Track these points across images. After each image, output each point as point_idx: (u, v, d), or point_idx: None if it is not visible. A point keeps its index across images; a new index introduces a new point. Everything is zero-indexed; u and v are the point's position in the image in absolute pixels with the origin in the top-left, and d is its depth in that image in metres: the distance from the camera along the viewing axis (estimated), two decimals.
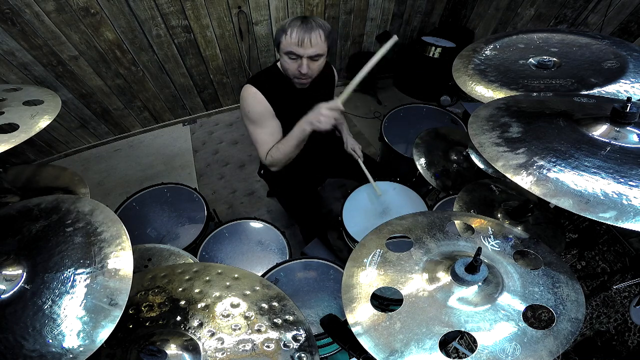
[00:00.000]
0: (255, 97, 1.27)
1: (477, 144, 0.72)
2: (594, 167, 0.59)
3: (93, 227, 0.68)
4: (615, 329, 1.42)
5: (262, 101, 1.28)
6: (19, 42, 1.90)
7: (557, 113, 0.76)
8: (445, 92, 2.91)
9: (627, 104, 0.65)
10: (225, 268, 0.82)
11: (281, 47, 1.19)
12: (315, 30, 1.15)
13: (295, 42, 1.15)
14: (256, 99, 1.28)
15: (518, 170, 0.63)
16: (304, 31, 1.14)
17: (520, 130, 0.72)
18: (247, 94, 1.29)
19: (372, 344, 0.60)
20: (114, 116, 2.57)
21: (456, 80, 1.08)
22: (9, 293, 0.59)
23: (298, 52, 1.17)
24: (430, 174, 1.47)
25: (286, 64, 1.24)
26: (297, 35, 1.14)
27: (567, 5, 2.16)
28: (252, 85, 1.28)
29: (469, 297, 0.65)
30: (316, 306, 1.14)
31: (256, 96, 1.27)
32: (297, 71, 1.23)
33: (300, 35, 1.14)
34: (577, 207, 0.55)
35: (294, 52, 1.17)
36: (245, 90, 1.30)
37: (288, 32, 1.15)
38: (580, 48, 1.07)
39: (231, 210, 2.25)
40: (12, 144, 0.71)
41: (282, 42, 1.17)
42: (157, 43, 2.28)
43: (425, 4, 2.94)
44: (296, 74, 1.25)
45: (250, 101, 1.29)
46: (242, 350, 0.67)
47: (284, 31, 1.16)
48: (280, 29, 1.17)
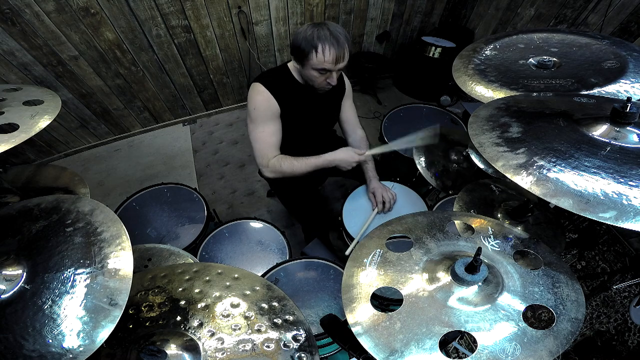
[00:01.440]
0: (263, 95, 1.25)
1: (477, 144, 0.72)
2: (594, 167, 0.59)
3: (93, 227, 0.68)
4: (615, 329, 1.42)
5: (270, 100, 1.26)
6: (19, 42, 1.90)
7: (557, 113, 0.76)
8: (445, 92, 2.91)
9: (627, 104, 0.65)
10: (225, 268, 0.82)
11: (310, 62, 1.15)
12: (345, 44, 1.14)
13: (331, 61, 1.14)
14: (264, 97, 1.26)
15: (518, 170, 0.63)
16: (337, 49, 1.12)
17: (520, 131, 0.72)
18: (255, 91, 1.27)
19: (372, 344, 0.60)
20: (114, 116, 2.57)
21: (456, 80, 1.09)
22: (9, 293, 0.59)
23: (332, 68, 1.16)
24: (430, 174, 1.46)
25: (313, 77, 1.21)
26: (332, 54, 1.13)
27: (567, 5, 2.16)
28: (261, 84, 1.26)
29: (469, 297, 0.65)
30: (316, 306, 1.14)
31: (264, 95, 1.25)
32: (324, 83, 1.23)
33: (335, 53, 1.13)
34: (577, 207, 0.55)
35: (327, 69, 1.16)
36: (254, 88, 1.27)
37: (320, 50, 1.11)
38: (580, 48, 1.07)
39: (231, 210, 2.25)
40: (12, 144, 0.71)
41: (313, 59, 1.14)
42: (157, 43, 2.28)
43: (425, 4, 2.94)
44: (323, 85, 1.24)
45: (258, 98, 1.26)
46: (242, 350, 0.67)
47: (313, 47, 1.11)
48: (308, 43, 1.12)
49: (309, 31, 1.12)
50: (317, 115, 1.44)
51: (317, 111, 1.41)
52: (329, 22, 1.15)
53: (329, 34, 1.12)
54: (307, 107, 1.35)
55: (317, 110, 1.41)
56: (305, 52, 1.14)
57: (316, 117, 1.45)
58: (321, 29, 1.12)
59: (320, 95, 1.34)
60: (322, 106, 1.42)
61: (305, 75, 1.24)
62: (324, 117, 1.51)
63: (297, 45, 1.15)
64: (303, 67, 1.20)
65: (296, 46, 1.16)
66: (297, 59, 1.20)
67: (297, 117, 1.34)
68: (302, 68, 1.22)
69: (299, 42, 1.14)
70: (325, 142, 1.58)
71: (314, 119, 1.44)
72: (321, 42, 1.11)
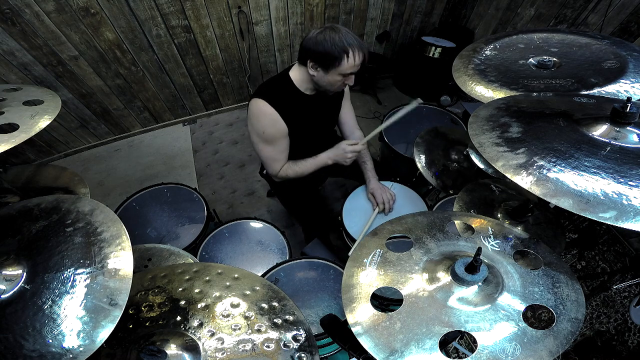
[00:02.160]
0: (272, 117, 1.22)
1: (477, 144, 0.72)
2: (594, 167, 0.59)
3: (93, 227, 0.68)
4: (615, 329, 1.42)
5: (279, 122, 1.24)
6: (19, 42, 1.90)
7: (557, 113, 0.76)
8: (445, 92, 2.91)
9: (627, 104, 0.65)
10: (225, 268, 0.82)
11: (340, 68, 1.12)
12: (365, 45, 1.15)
13: (359, 64, 1.14)
14: (273, 120, 1.23)
15: (518, 170, 0.63)
16: (364, 52, 1.13)
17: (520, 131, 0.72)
18: (260, 112, 1.22)
19: (372, 344, 0.60)
20: (114, 116, 2.57)
21: (456, 80, 1.09)
22: (9, 293, 0.59)
23: (356, 70, 1.16)
24: (431, 173, 1.47)
25: (334, 82, 1.18)
26: (361, 57, 1.12)
27: (567, 5, 2.16)
28: (266, 103, 1.21)
29: (469, 297, 0.65)
30: (316, 306, 1.14)
31: (273, 117, 1.22)
32: (343, 85, 1.23)
33: (363, 56, 1.13)
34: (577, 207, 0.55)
35: (353, 72, 1.16)
36: (259, 107, 1.22)
37: (351, 55, 1.10)
38: (580, 48, 1.07)
39: (231, 210, 2.25)
40: (12, 144, 0.71)
41: (344, 64, 1.11)
42: (157, 43, 2.28)
43: (425, 4, 2.94)
44: (341, 87, 1.25)
45: (265, 122, 1.23)
46: (242, 350, 0.67)
47: (345, 52, 1.09)
48: (339, 49, 1.08)
49: (334, 37, 1.08)
50: (320, 120, 1.45)
51: (320, 117, 1.43)
52: (338, 25, 1.12)
53: (353, 37, 1.10)
54: (311, 115, 1.35)
55: (321, 115, 1.42)
56: (337, 58, 1.10)
57: (320, 123, 1.46)
58: (341, 33, 1.09)
59: (323, 100, 1.34)
60: (325, 111, 1.43)
61: (324, 81, 1.19)
62: (327, 121, 1.52)
63: (325, 52, 1.09)
64: (328, 72, 1.15)
65: (324, 53, 1.10)
66: (322, 65, 1.14)
67: (302, 127, 1.33)
68: (324, 74, 1.16)
69: (327, 49, 1.08)
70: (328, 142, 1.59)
71: (318, 124, 1.45)
72: (351, 47, 1.09)
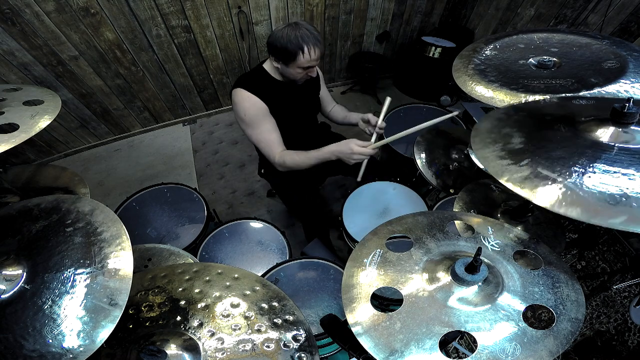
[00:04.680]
0: (249, 99, 1.27)
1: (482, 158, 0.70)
2: (600, 172, 0.58)
3: (93, 227, 0.68)
4: (615, 329, 1.42)
5: (257, 102, 1.28)
6: (19, 42, 1.90)
7: (557, 118, 0.75)
8: (445, 92, 2.91)
9: (627, 104, 0.65)
10: (225, 268, 0.82)
11: (297, 62, 1.20)
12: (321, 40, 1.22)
13: (316, 59, 1.21)
14: (250, 101, 1.28)
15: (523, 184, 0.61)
16: (320, 47, 1.20)
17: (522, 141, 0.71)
18: (239, 98, 1.29)
19: (372, 344, 0.60)
20: (114, 116, 2.57)
21: (456, 80, 1.08)
22: (9, 293, 0.59)
23: (315, 64, 1.24)
24: (431, 173, 1.47)
25: (296, 74, 1.26)
26: (317, 53, 1.20)
27: (567, 5, 2.16)
28: (242, 89, 1.27)
29: (469, 297, 0.65)
30: (316, 306, 1.14)
31: (250, 98, 1.27)
32: (306, 76, 1.30)
33: (319, 52, 1.21)
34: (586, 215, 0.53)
35: (312, 66, 1.24)
36: (237, 95, 1.29)
37: (306, 50, 1.17)
38: (580, 48, 1.07)
39: (231, 210, 2.25)
40: (12, 144, 0.71)
41: (300, 59, 1.19)
42: (157, 43, 2.28)
43: (425, 4, 2.94)
44: (304, 78, 1.31)
45: (245, 104, 1.28)
46: (242, 350, 0.67)
47: (300, 48, 1.16)
48: (294, 45, 1.16)
49: (291, 33, 1.16)
50: (301, 107, 1.47)
51: (300, 103, 1.45)
52: (302, 22, 1.20)
53: (310, 34, 1.17)
54: (290, 101, 1.38)
55: (301, 102, 1.45)
56: (292, 53, 1.18)
57: (300, 109, 1.48)
58: (300, 29, 1.16)
59: (300, 87, 1.39)
60: (304, 97, 1.47)
61: (287, 73, 1.28)
62: (308, 107, 1.55)
63: (281, 47, 1.18)
64: (287, 66, 1.24)
65: (281, 48, 1.18)
66: (282, 59, 1.23)
67: (283, 113, 1.36)
68: (285, 67, 1.25)
69: (284, 45, 1.17)
70: (314, 132, 1.62)
71: (299, 111, 1.47)
72: (306, 43, 1.16)
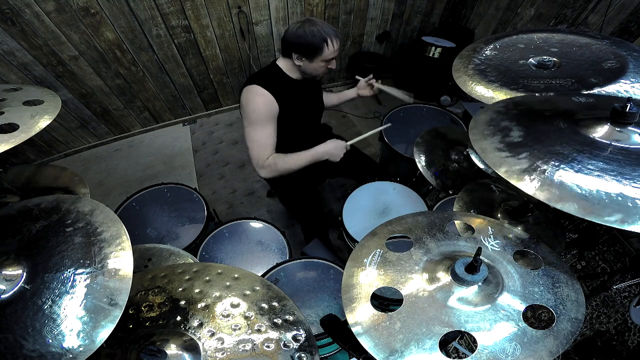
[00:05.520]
0: (263, 97, 1.26)
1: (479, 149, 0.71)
2: (597, 169, 0.58)
3: (93, 227, 0.68)
4: (615, 329, 1.42)
5: (270, 102, 1.27)
6: (19, 42, 1.90)
7: (557, 114, 0.76)
8: (445, 92, 2.91)
9: (627, 104, 0.65)
10: (225, 268, 0.82)
11: (322, 56, 1.24)
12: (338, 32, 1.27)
13: (337, 50, 1.26)
14: (265, 100, 1.26)
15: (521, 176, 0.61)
16: (339, 37, 1.25)
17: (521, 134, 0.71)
18: (255, 93, 1.27)
19: (372, 344, 0.60)
20: (114, 116, 2.57)
21: (456, 80, 1.08)
22: (9, 293, 0.58)
23: (336, 55, 1.28)
24: (430, 173, 1.47)
25: (319, 68, 1.29)
26: (338, 44, 1.25)
27: (567, 5, 2.16)
28: (260, 86, 1.26)
29: (469, 297, 0.65)
30: (316, 306, 1.14)
31: (264, 97, 1.26)
32: (326, 69, 1.33)
33: (339, 42, 1.25)
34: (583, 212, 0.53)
35: (334, 57, 1.28)
36: (252, 90, 1.27)
37: (330, 42, 1.22)
38: (580, 48, 1.07)
39: (231, 210, 2.25)
40: (12, 144, 0.71)
41: (325, 52, 1.23)
42: (157, 43, 2.28)
43: (425, 4, 2.94)
44: (325, 72, 1.34)
45: (259, 101, 1.26)
46: (242, 350, 0.67)
47: (324, 41, 1.20)
48: (319, 39, 1.20)
49: (312, 28, 1.19)
50: (310, 105, 1.49)
51: (309, 101, 1.46)
52: (313, 18, 1.24)
53: (327, 27, 1.22)
54: (301, 99, 1.39)
55: (310, 100, 1.46)
56: (318, 47, 1.21)
57: (309, 107, 1.49)
58: (317, 24, 1.20)
59: (310, 85, 1.41)
60: (312, 95, 1.48)
61: (310, 68, 1.29)
62: (317, 105, 1.57)
63: (307, 43, 1.21)
64: (312, 61, 1.26)
65: (306, 44, 1.21)
66: (307, 55, 1.25)
67: (294, 113, 1.36)
68: (309, 63, 1.27)
69: (309, 41, 1.20)
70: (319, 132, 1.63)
71: (308, 109, 1.48)
72: (328, 35, 1.21)
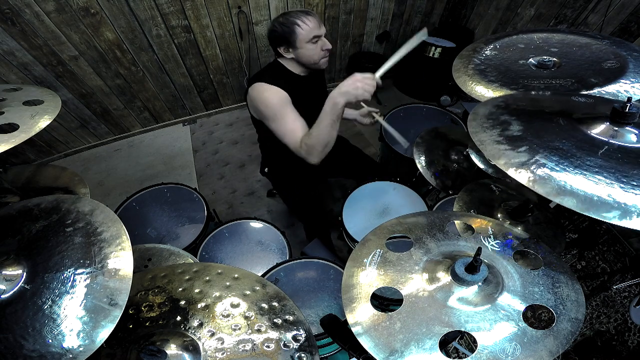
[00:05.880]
0: (269, 89, 1.25)
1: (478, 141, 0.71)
2: (596, 166, 0.59)
3: (93, 227, 0.68)
4: (615, 329, 1.41)
5: (278, 91, 1.26)
6: (19, 42, 1.90)
7: (557, 112, 0.76)
8: (445, 92, 2.91)
9: (627, 104, 0.65)
10: (225, 268, 0.82)
11: (300, 38, 1.22)
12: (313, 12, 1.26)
13: (315, 26, 1.23)
14: (271, 91, 1.25)
15: (520, 169, 0.62)
16: (312, 15, 1.23)
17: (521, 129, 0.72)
18: (259, 90, 1.26)
19: (372, 344, 0.60)
20: (114, 116, 2.57)
21: (456, 80, 1.08)
22: (9, 293, 0.58)
23: (320, 33, 1.25)
24: (430, 174, 1.47)
25: (310, 51, 1.26)
26: (312, 21, 1.22)
27: (567, 5, 2.16)
28: (263, 82, 1.26)
29: (469, 297, 0.65)
30: (316, 306, 1.14)
31: (270, 88, 1.25)
32: (321, 51, 1.29)
33: (314, 20, 1.23)
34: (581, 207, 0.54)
35: (317, 34, 1.24)
36: (256, 88, 1.27)
37: (301, 22, 1.20)
38: (580, 48, 1.07)
39: (231, 210, 2.25)
40: (12, 144, 0.71)
41: (301, 33, 1.21)
42: (157, 43, 2.28)
43: (425, 4, 2.94)
44: (322, 53, 1.30)
45: (265, 95, 1.25)
46: (242, 350, 0.67)
47: (295, 24, 1.20)
48: (288, 25, 1.20)
49: (281, 19, 1.22)
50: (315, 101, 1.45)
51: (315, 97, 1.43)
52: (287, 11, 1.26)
53: (297, 11, 1.23)
54: (306, 95, 1.36)
55: (315, 95, 1.43)
56: (290, 32, 1.21)
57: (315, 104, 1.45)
58: (286, 14, 1.22)
59: (314, 80, 1.40)
60: (317, 91, 1.47)
61: (303, 56, 1.28)
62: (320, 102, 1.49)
63: (279, 34, 1.22)
64: (296, 48, 1.25)
65: (279, 35, 1.22)
66: (287, 44, 1.25)
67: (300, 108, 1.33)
68: (295, 50, 1.26)
69: (279, 31, 1.22)
70: None
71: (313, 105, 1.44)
72: (297, 17, 1.20)
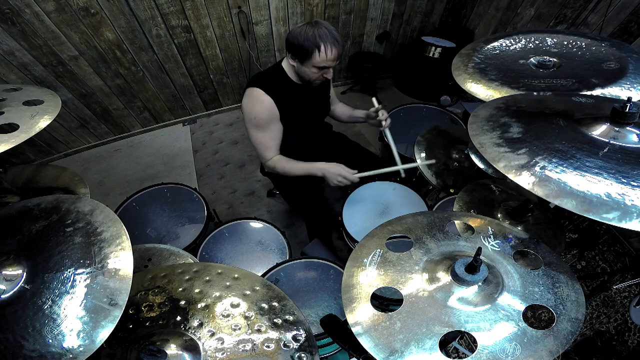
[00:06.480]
0: (263, 103, 1.26)
1: (478, 144, 0.72)
2: (596, 167, 0.59)
3: (93, 227, 0.68)
4: (615, 329, 1.42)
5: (271, 107, 1.27)
6: (19, 42, 1.90)
7: (557, 113, 0.76)
8: (445, 92, 2.91)
9: (627, 104, 0.65)
10: (225, 268, 0.82)
11: (312, 61, 1.18)
12: (341, 42, 1.20)
13: (333, 59, 1.19)
14: (264, 105, 1.26)
15: (520, 171, 0.62)
16: (338, 47, 1.18)
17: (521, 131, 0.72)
18: (254, 99, 1.26)
19: (372, 344, 0.60)
20: (114, 116, 2.57)
21: (456, 79, 1.08)
22: (9, 293, 0.59)
23: (333, 65, 1.22)
24: (431, 172, 1.47)
25: (311, 74, 1.24)
26: (334, 53, 1.17)
27: (567, 5, 2.16)
28: (259, 89, 1.25)
29: (469, 297, 0.65)
30: (316, 306, 1.14)
31: (265, 103, 1.26)
32: (321, 77, 1.27)
33: (337, 52, 1.18)
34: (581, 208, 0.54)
35: (329, 66, 1.21)
36: (252, 95, 1.27)
37: (323, 49, 1.15)
38: (580, 49, 1.07)
39: (231, 210, 2.25)
40: (12, 144, 0.71)
41: (316, 57, 1.17)
42: (157, 43, 2.28)
43: (425, 4, 2.94)
44: (320, 79, 1.28)
45: (258, 107, 1.27)
46: (242, 350, 0.67)
47: (316, 47, 1.14)
48: (311, 43, 1.14)
49: (309, 31, 1.14)
50: (313, 109, 1.47)
51: (312, 106, 1.45)
52: (322, 21, 1.18)
53: (328, 33, 1.15)
54: (303, 104, 1.38)
55: (312, 105, 1.45)
56: (308, 51, 1.16)
57: (312, 111, 1.48)
58: (319, 28, 1.15)
59: (314, 89, 1.38)
60: (315, 100, 1.46)
61: (302, 72, 1.26)
62: (319, 110, 1.55)
63: (298, 44, 1.16)
64: (303, 64, 1.22)
65: (297, 45, 1.17)
66: (298, 57, 1.21)
67: (294, 116, 1.36)
68: (301, 66, 1.23)
69: (300, 42, 1.15)
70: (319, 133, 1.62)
71: (310, 113, 1.47)
72: (323, 41, 1.14)
